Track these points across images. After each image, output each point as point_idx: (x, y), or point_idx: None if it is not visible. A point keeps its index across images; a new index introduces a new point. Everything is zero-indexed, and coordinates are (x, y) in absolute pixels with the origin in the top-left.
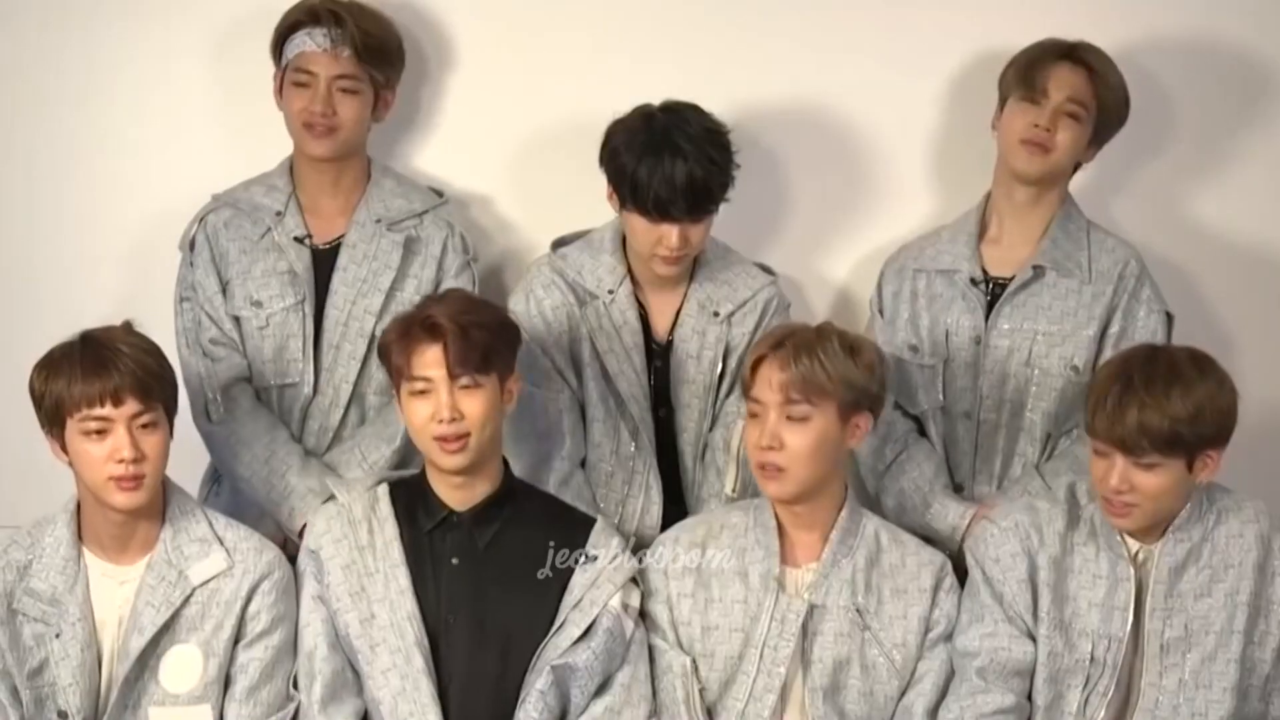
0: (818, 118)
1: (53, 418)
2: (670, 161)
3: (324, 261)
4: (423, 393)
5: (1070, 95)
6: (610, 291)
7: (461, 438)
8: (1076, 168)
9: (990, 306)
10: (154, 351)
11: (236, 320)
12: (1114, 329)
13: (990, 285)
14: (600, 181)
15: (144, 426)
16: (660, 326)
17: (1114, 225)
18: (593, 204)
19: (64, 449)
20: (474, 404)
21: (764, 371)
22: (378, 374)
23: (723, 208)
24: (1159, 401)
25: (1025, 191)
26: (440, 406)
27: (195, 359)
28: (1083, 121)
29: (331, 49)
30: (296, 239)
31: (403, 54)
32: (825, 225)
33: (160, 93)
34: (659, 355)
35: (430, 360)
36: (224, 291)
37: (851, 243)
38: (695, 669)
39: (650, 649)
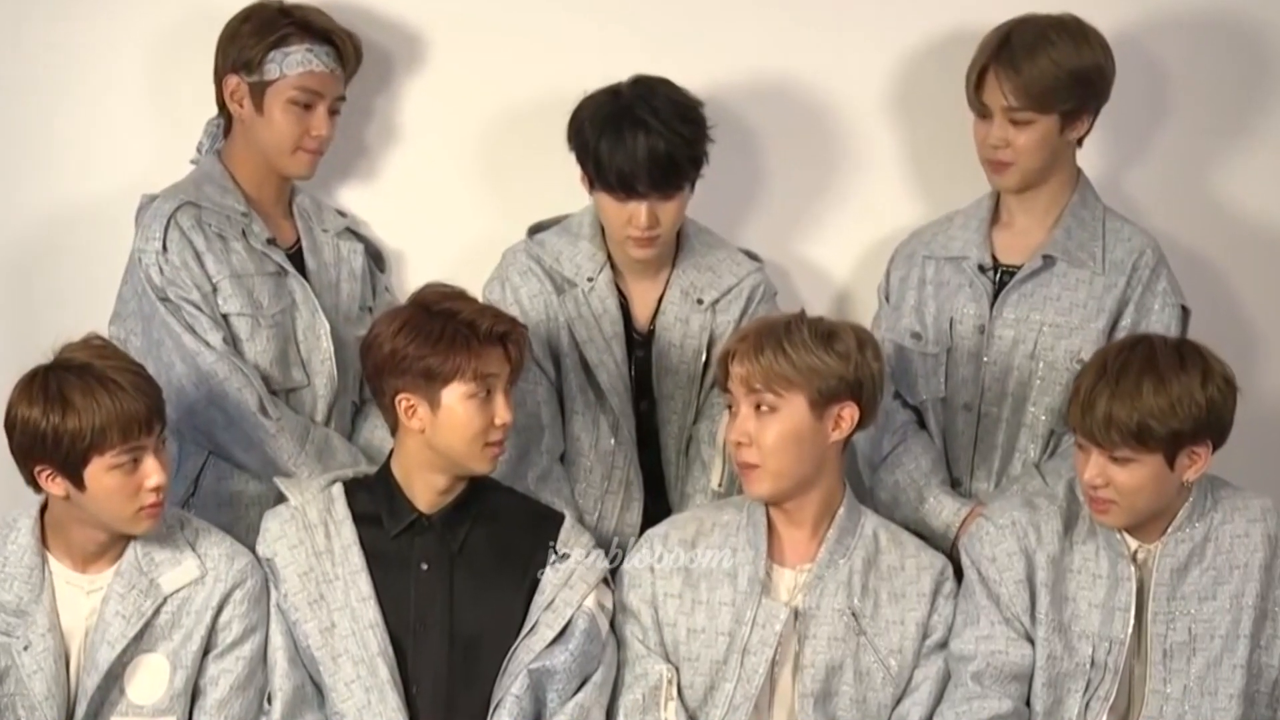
0: (797, 94)
1: (69, 458)
2: (632, 135)
3: (295, 264)
4: (474, 396)
5: (1005, 104)
6: (589, 279)
7: (504, 441)
8: (1081, 141)
9: (997, 295)
10: (139, 364)
11: (226, 321)
12: (1126, 322)
13: (999, 273)
14: (576, 164)
15: (160, 447)
16: (641, 315)
17: (1133, 212)
18: (571, 187)
19: (77, 487)
20: (514, 405)
21: (733, 366)
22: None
23: (699, 189)
24: (1128, 393)
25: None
26: (500, 410)
27: (221, 361)
28: (1035, 119)
29: (336, 70)
30: (268, 240)
31: None
32: (806, 206)
33: (86, 86)
34: (640, 345)
35: (494, 362)
36: (215, 293)
37: (837, 226)
38: (677, 678)
39: (623, 650)
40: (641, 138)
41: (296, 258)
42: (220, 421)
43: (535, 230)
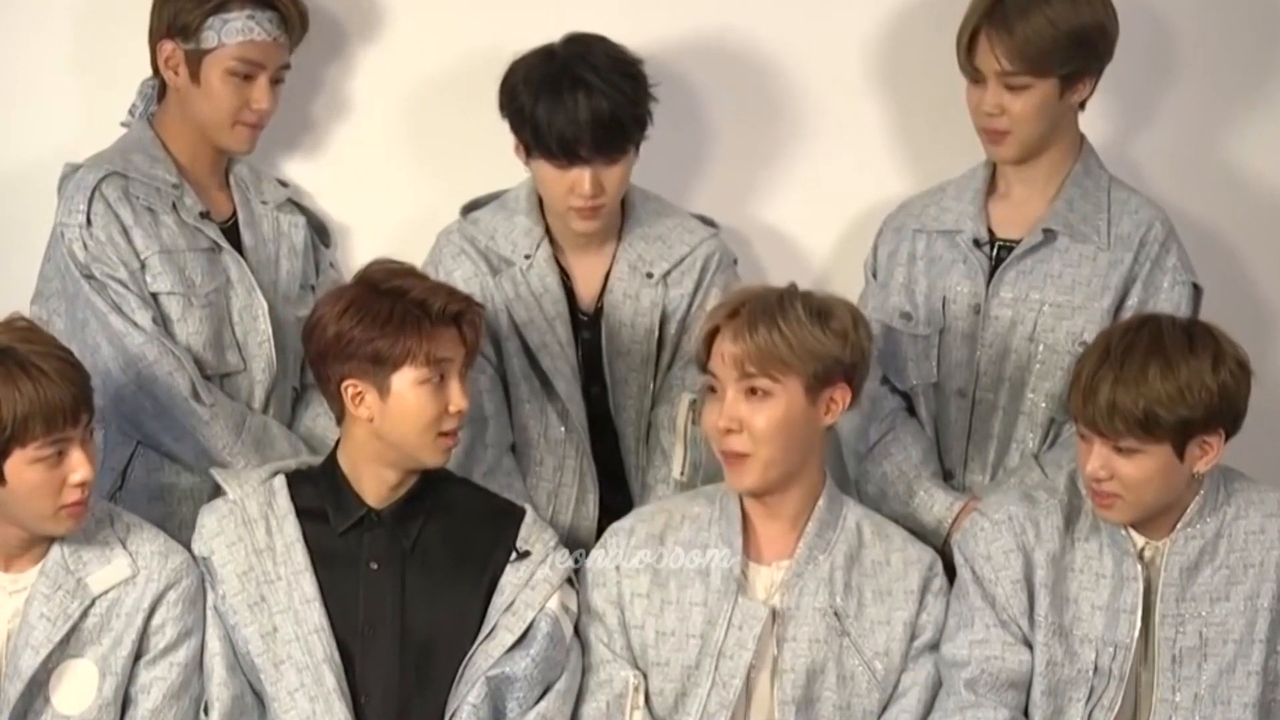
0: (741, 48)
1: None
2: (572, 96)
3: (230, 241)
4: (426, 381)
5: (999, 68)
6: (526, 256)
7: (459, 430)
8: (1082, 105)
9: (993, 272)
10: (66, 348)
11: (155, 300)
12: (1132, 301)
13: (995, 248)
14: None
15: (87, 438)
16: (586, 293)
17: (1140, 182)
18: (505, 159)
19: None
20: (470, 391)
21: (718, 344)
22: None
23: (643, 153)
24: (1134, 379)
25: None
26: (454, 396)
27: (150, 343)
28: (1031, 84)
29: (280, 37)
30: (201, 214)
31: None
32: (762, 169)
33: (5, 42)
34: (587, 326)
35: (448, 344)
36: (143, 270)
37: (803, 191)
38: (645, 685)
39: (587, 655)
40: (582, 98)
41: (232, 232)
42: (149, 408)
43: (469, 208)
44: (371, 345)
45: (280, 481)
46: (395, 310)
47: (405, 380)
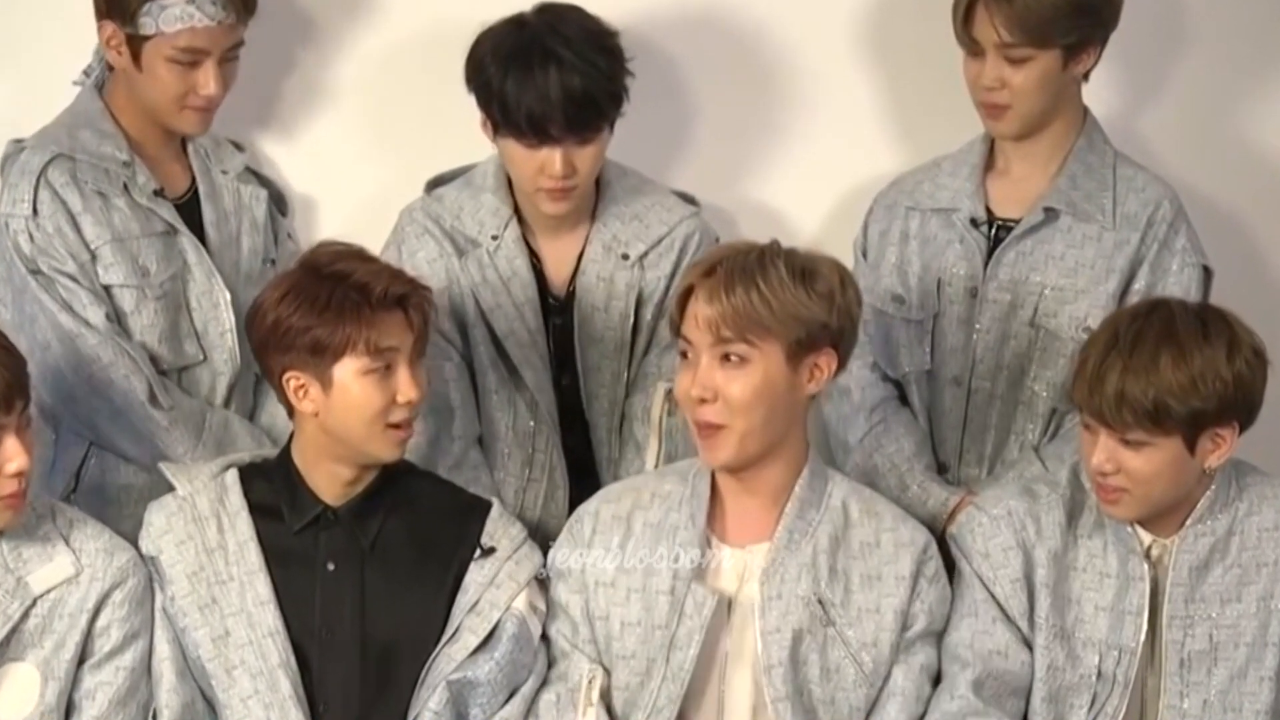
0: (723, 17)
1: None
2: (543, 71)
3: (188, 218)
4: (370, 371)
5: (998, 40)
6: (494, 237)
7: (413, 422)
8: (1086, 76)
9: (991, 253)
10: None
11: (108, 293)
12: (1139, 284)
13: (994, 227)
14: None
15: (22, 426)
16: (557, 277)
17: (1147, 158)
18: (472, 134)
19: None
20: (423, 380)
21: (692, 305)
22: None
23: (621, 129)
24: (1144, 367)
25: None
26: (402, 386)
27: (105, 344)
28: (1033, 56)
29: (226, 19)
30: (155, 192)
31: None
32: (743, 141)
33: None
34: (557, 311)
35: (392, 331)
36: (94, 261)
37: (792, 167)
38: (606, 680)
39: (550, 647)
40: (554, 73)
41: (190, 206)
42: (104, 411)
43: (434, 185)
44: (310, 334)
45: (233, 476)
46: (334, 296)
47: (348, 370)
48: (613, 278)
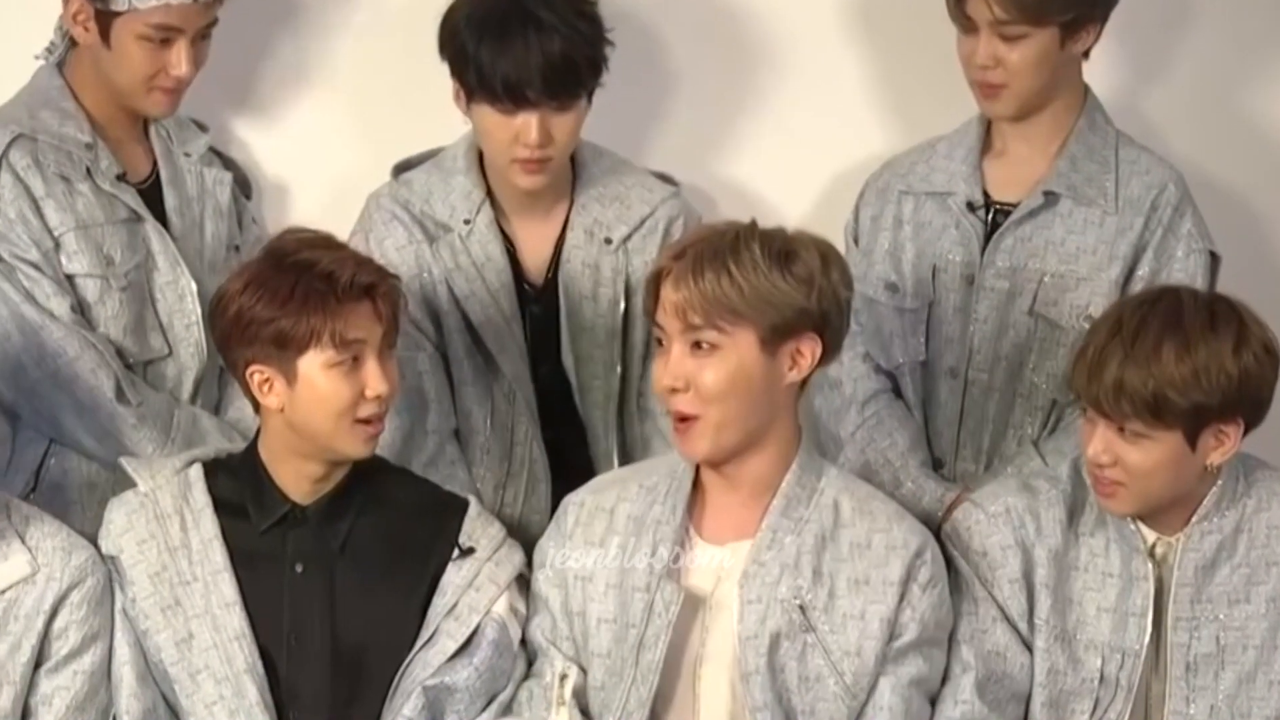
0: None
1: None
2: (521, 33)
3: (151, 204)
4: (337, 364)
5: (992, 17)
6: (466, 221)
7: (383, 417)
8: (1086, 53)
9: (989, 239)
10: None
11: (71, 283)
12: (1142, 271)
13: (992, 212)
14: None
15: None
16: (533, 263)
17: (1151, 139)
18: (452, 117)
19: None
20: (393, 373)
21: (665, 291)
22: None
23: (596, 105)
24: (1145, 357)
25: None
26: (371, 379)
27: (71, 337)
28: (1029, 33)
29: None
30: (118, 177)
31: None
32: (725, 119)
33: None
34: (534, 298)
35: (360, 322)
36: (57, 249)
37: (763, 140)
38: (582, 679)
39: (528, 645)
40: (533, 35)
41: (153, 191)
42: (69, 407)
43: (401, 169)
44: (274, 326)
45: (197, 471)
46: (298, 286)
47: (313, 364)
48: (598, 263)
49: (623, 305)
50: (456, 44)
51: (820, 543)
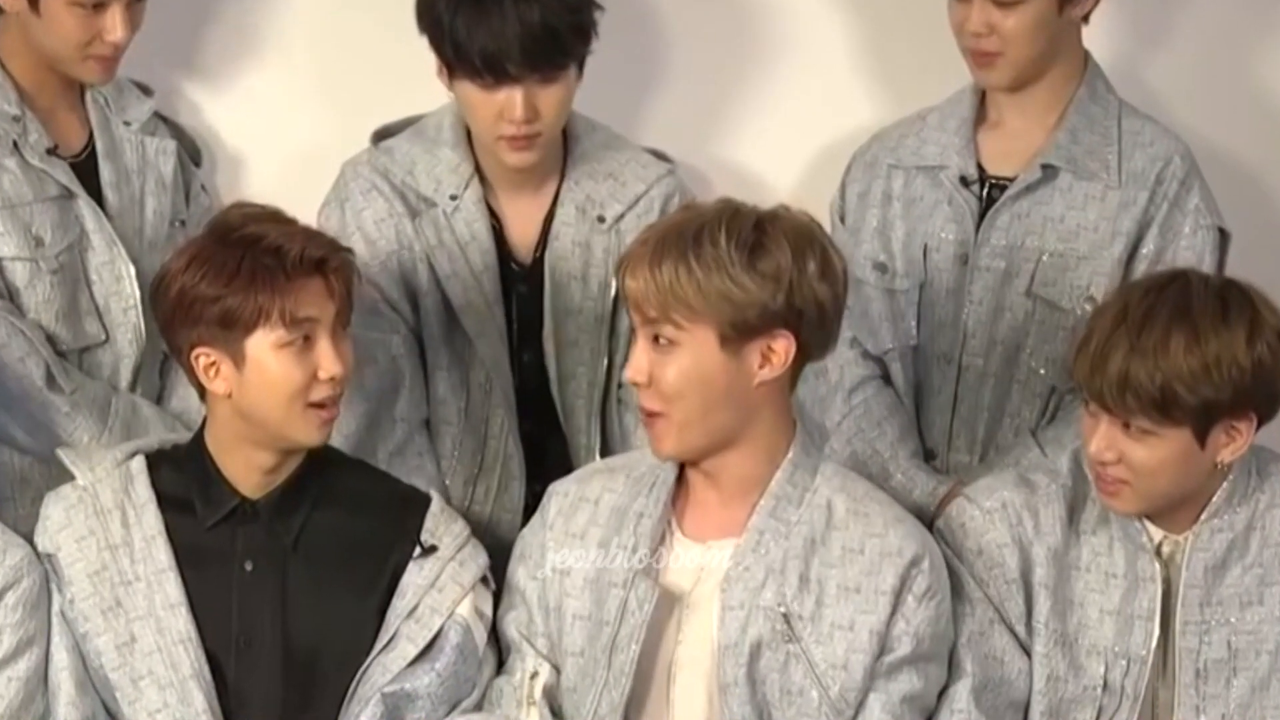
0: None
1: None
2: (498, 2)
3: (85, 179)
4: (287, 344)
5: None
6: (453, 197)
7: (338, 400)
8: (1086, 18)
9: (984, 215)
10: None
11: None
12: (1147, 249)
13: (986, 187)
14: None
15: None
16: (521, 241)
17: (1156, 109)
18: (423, 82)
19: None
20: (348, 354)
21: (626, 281)
22: None
23: (583, 80)
24: (1153, 349)
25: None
26: (324, 360)
27: None
28: None
29: None
30: (48, 151)
31: None
32: (713, 92)
33: None
34: (520, 279)
35: (311, 299)
36: None
37: (750, 113)
38: (555, 678)
39: (502, 640)
40: (509, 4)
41: (88, 165)
42: None
43: (381, 136)
44: (219, 304)
45: (139, 464)
46: (245, 262)
47: (262, 344)
48: (589, 243)
49: (614, 289)
50: (433, 15)
51: (810, 546)
